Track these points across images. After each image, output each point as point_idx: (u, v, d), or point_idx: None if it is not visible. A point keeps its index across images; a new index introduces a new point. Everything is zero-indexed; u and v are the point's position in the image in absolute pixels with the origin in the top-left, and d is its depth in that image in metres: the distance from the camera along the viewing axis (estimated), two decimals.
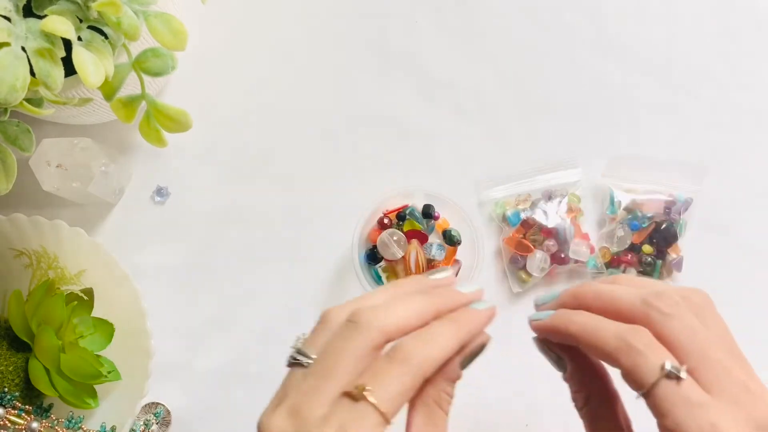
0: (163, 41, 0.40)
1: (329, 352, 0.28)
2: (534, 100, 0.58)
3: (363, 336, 0.28)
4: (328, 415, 0.26)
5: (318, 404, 0.27)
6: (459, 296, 0.32)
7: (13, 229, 0.49)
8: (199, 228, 0.55)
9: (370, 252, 0.51)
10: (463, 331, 0.30)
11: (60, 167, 0.48)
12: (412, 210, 0.52)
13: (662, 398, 0.27)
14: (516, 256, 0.53)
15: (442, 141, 0.57)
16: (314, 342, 0.29)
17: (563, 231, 0.53)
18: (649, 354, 0.28)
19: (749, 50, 0.59)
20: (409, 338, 0.29)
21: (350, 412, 0.26)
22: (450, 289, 0.33)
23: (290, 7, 0.59)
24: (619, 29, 0.59)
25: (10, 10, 0.37)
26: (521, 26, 0.59)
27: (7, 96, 0.35)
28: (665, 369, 0.27)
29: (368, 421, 0.26)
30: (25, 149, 0.41)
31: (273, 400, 0.29)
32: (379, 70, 0.58)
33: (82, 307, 0.48)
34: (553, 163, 0.55)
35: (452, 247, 0.52)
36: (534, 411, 0.53)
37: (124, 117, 0.43)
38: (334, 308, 0.30)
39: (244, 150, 0.56)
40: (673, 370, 0.27)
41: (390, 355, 0.28)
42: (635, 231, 0.54)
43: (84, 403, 0.47)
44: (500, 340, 0.54)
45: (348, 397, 0.27)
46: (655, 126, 0.57)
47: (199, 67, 0.57)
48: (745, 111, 0.58)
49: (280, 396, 0.28)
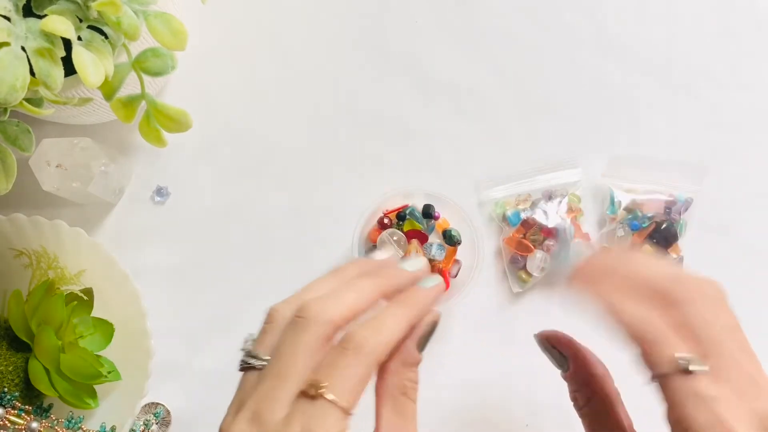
0: (163, 41, 0.40)
1: (281, 352, 0.28)
2: (534, 100, 0.58)
3: (312, 330, 0.28)
4: (290, 416, 0.26)
5: (278, 407, 0.26)
6: (404, 275, 0.32)
7: (13, 229, 0.49)
8: (199, 228, 0.55)
9: (370, 252, 0.51)
10: (411, 312, 0.30)
11: (60, 167, 0.48)
12: (412, 210, 0.52)
13: (672, 389, 0.28)
14: (516, 256, 0.53)
15: (442, 141, 0.57)
16: (264, 342, 0.29)
17: (563, 231, 0.53)
18: (664, 343, 0.28)
19: (749, 50, 0.59)
20: (359, 327, 0.28)
21: (310, 411, 0.26)
22: (394, 269, 0.32)
23: (290, 7, 0.59)
24: (619, 29, 0.59)
25: (10, 10, 0.37)
26: (521, 26, 0.59)
27: (7, 96, 0.35)
28: (677, 361, 0.28)
29: (330, 417, 0.26)
30: (25, 149, 0.41)
31: (231, 405, 0.28)
32: (380, 70, 0.58)
33: (82, 307, 0.48)
34: (553, 163, 0.55)
35: (452, 247, 0.52)
36: (534, 411, 0.53)
37: (124, 117, 0.43)
38: (279, 304, 0.30)
39: (244, 150, 0.56)
40: (685, 363, 0.27)
41: (341, 345, 0.28)
42: (635, 231, 0.54)
43: (84, 403, 0.47)
44: (500, 340, 0.54)
45: (306, 396, 0.26)
46: (655, 126, 0.57)
47: (199, 67, 0.57)
48: (745, 111, 0.58)
49: (239, 401, 0.28)
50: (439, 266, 0.51)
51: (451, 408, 0.52)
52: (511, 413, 0.52)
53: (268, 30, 0.58)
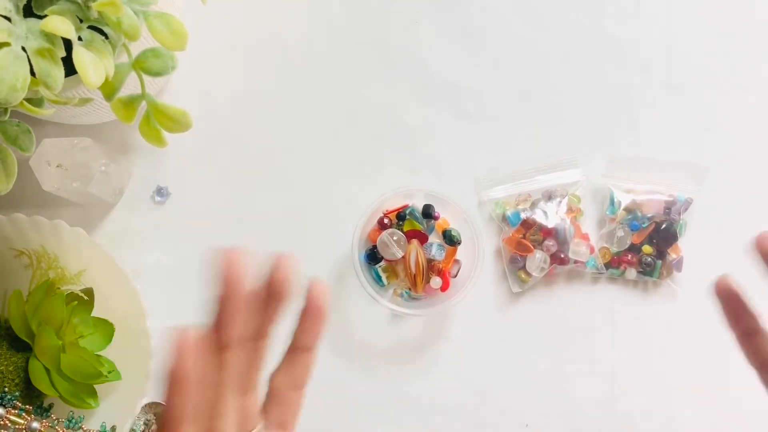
0: (163, 41, 0.40)
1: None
2: (534, 100, 0.58)
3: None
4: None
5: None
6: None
7: (13, 229, 0.49)
8: (199, 228, 0.55)
9: (370, 252, 0.51)
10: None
11: (60, 167, 0.48)
12: (412, 210, 0.52)
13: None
14: (516, 256, 0.53)
15: (442, 141, 0.57)
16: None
17: (563, 231, 0.53)
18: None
19: (749, 50, 0.59)
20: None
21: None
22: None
23: (290, 7, 0.59)
24: (619, 29, 0.59)
25: (11, 10, 0.37)
26: (522, 26, 0.59)
27: (7, 96, 0.35)
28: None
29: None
30: (25, 149, 0.41)
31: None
32: (380, 70, 0.58)
33: (82, 307, 0.48)
34: (553, 163, 0.55)
35: (452, 247, 0.52)
36: (534, 411, 0.53)
37: (124, 117, 0.43)
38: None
39: (243, 150, 0.56)
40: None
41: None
42: (635, 231, 0.54)
43: (84, 403, 0.47)
44: (500, 340, 0.54)
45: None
46: (655, 126, 0.57)
47: (199, 67, 0.57)
48: (745, 111, 0.58)
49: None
50: (439, 266, 0.51)
51: (452, 408, 0.52)
52: (511, 413, 0.53)
53: (268, 30, 0.58)
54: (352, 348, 0.53)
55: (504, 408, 0.53)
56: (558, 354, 0.53)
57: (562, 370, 0.53)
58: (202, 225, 0.55)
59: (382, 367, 0.53)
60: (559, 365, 0.53)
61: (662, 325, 0.54)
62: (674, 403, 0.53)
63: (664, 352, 0.54)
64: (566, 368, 0.53)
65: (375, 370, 0.53)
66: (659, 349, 0.54)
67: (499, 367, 0.53)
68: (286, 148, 0.56)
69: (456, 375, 0.53)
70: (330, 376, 0.52)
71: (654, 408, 0.53)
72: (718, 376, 0.53)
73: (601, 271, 0.54)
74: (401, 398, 0.52)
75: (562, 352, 0.53)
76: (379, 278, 0.51)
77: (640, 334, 0.54)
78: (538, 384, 0.53)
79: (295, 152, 0.56)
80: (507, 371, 0.53)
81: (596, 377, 0.53)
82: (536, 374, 0.53)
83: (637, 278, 0.54)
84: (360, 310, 0.54)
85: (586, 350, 0.54)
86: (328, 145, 0.56)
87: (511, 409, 0.53)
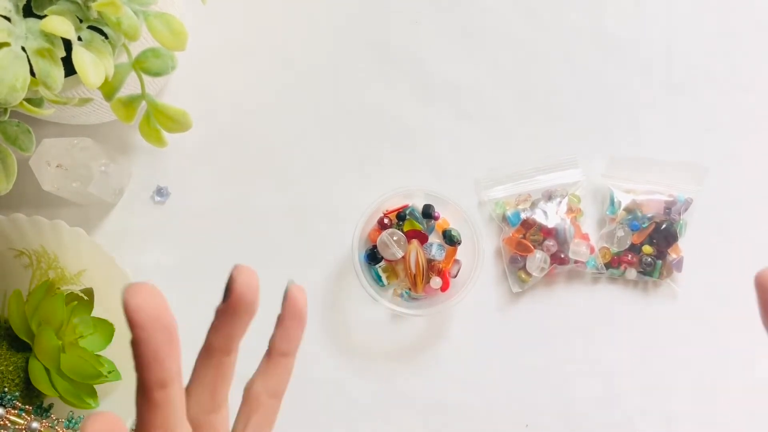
0: (163, 41, 0.40)
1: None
2: (534, 99, 0.58)
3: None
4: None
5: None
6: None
7: (13, 229, 0.49)
8: (199, 228, 0.55)
9: (370, 252, 0.51)
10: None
11: (60, 167, 0.48)
12: (412, 210, 0.52)
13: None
14: (516, 256, 0.53)
15: (442, 141, 0.57)
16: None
17: (563, 231, 0.53)
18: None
19: (749, 50, 0.59)
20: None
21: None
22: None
23: (290, 7, 0.59)
24: (619, 29, 0.59)
25: (10, 10, 0.37)
26: (522, 26, 0.59)
27: (7, 96, 0.35)
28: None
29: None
30: (25, 149, 0.41)
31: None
32: (380, 71, 0.58)
33: (82, 307, 0.48)
34: (553, 163, 0.55)
35: (452, 247, 0.52)
36: (534, 411, 0.53)
37: (124, 117, 0.43)
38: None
39: (243, 150, 0.56)
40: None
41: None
42: (635, 231, 0.54)
43: (84, 403, 0.47)
44: (500, 340, 0.54)
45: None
46: (655, 126, 0.57)
47: (199, 67, 0.57)
48: (745, 111, 0.58)
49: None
50: (439, 266, 0.51)
51: (452, 408, 0.52)
52: (511, 413, 0.53)
53: (268, 30, 0.58)
54: (352, 348, 0.53)
55: (504, 408, 0.53)
56: (558, 354, 0.53)
57: (562, 370, 0.53)
58: (202, 225, 0.55)
59: (382, 367, 0.53)
60: (558, 365, 0.53)
61: (662, 325, 0.54)
62: (674, 403, 0.53)
63: (664, 352, 0.54)
64: (566, 368, 0.53)
65: (375, 370, 0.53)
66: (659, 349, 0.54)
67: (498, 367, 0.53)
68: (286, 148, 0.56)
69: (456, 375, 0.53)
70: (330, 376, 0.53)
71: (653, 408, 0.53)
72: (717, 376, 0.53)
73: (601, 271, 0.54)
74: (401, 398, 0.52)
75: (561, 352, 0.54)
76: (379, 278, 0.51)
77: (640, 334, 0.54)
78: (538, 384, 0.53)
79: (295, 152, 0.56)
80: (507, 371, 0.53)
81: (596, 377, 0.53)
82: (536, 374, 0.53)
83: (637, 278, 0.54)
84: (360, 310, 0.54)
85: (586, 350, 0.54)
86: (328, 145, 0.56)
87: (511, 409, 0.53)
